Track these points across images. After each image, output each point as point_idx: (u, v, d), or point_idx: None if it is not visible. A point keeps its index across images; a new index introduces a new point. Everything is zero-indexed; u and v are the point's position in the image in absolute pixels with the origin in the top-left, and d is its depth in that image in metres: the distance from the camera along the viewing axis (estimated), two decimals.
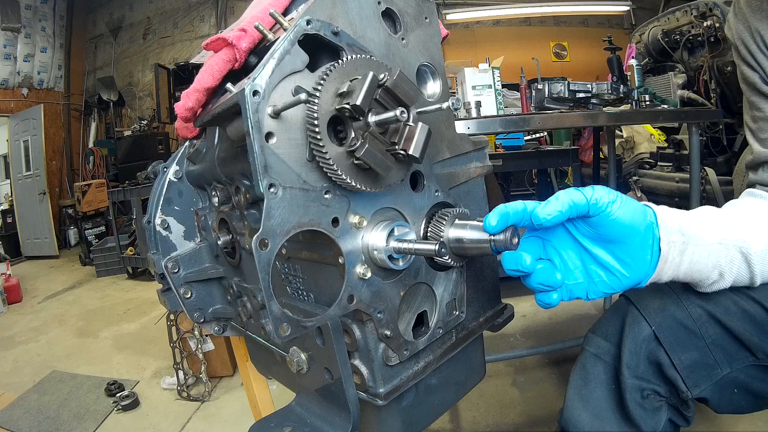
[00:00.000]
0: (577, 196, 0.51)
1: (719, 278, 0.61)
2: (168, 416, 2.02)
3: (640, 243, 0.54)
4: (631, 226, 0.53)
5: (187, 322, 2.10)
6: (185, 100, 0.58)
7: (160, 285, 0.73)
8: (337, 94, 0.46)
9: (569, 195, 0.51)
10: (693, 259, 0.58)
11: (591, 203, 0.51)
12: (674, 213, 0.59)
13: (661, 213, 0.57)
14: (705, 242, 0.59)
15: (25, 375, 2.60)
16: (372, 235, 0.52)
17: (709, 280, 0.61)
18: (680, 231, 0.57)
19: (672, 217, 0.58)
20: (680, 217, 0.59)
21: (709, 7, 3.08)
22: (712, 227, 0.60)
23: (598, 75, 4.03)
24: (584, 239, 0.55)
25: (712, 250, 0.59)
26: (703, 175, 2.83)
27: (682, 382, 0.65)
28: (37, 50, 6.76)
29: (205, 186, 0.72)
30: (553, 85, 1.77)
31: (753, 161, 0.79)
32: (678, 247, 0.57)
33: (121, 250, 4.61)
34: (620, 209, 0.52)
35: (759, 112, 0.77)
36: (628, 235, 0.54)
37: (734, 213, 0.64)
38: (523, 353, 2.03)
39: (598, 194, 0.52)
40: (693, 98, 2.99)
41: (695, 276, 0.60)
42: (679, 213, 0.59)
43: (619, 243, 0.54)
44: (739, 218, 0.62)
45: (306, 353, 0.58)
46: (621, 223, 0.53)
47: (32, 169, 6.46)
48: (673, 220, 0.57)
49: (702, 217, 0.61)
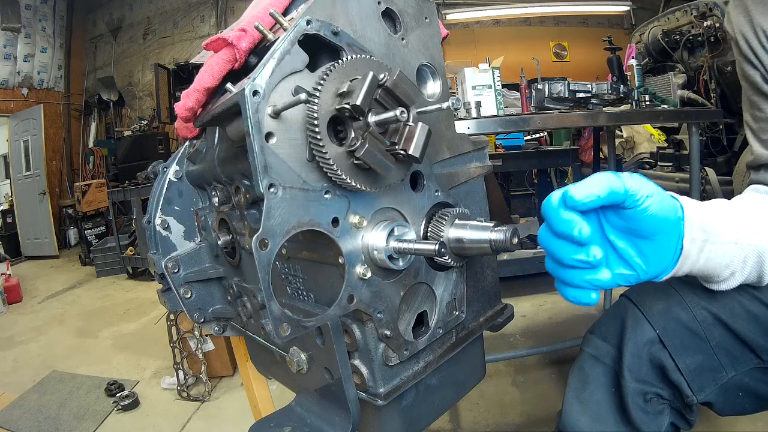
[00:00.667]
0: (615, 183, 0.46)
1: (729, 276, 0.60)
2: (168, 416, 2.02)
3: (666, 240, 0.51)
4: (664, 223, 0.50)
5: (187, 322, 2.10)
6: (185, 100, 0.58)
7: (160, 285, 0.73)
8: (337, 94, 0.46)
9: (608, 180, 0.46)
10: (709, 257, 0.56)
11: (629, 193, 0.47)
12: (698, 208, 0.56)
13: (687, 208, 0.54)
14: (721, 240, 0.57)
15: (25, 375, 2.60)
16: (372, 235, 0.52)
17: (719, 277, 0.60)
18: (702, 228, 0.55)
19: (696, 212, 0.55)
20: (702, 212, 0.56)
21: (709, 7, 3.08)
22: (729, 225, 0.58)
23: (598, 75, 4.03)
24: (609, 228, 0.52)
25: (727, 249, 0.57)
26: (703, 175, 2.83)
27: (687, 387, 0.64)
28: (37, 50, 6.76)
29: (205, 186, 0.72)
30: (553, 85, 1.77)
31: (754, 162, 0.77)
32: (698, 245, 0.55)
33: (121, 250, 4.61)
34: (657, 205, 0.48)
35: (759, 112, 0.76)
36: (658, 232, 0.50)
37: (748, 210, 0.63)
38: (523, 353, 2.03)
39: (636, 184, 0.47)
40: (693, 98, 2.99)
41: (707, 273, 0.59)
42: (701, 208, 0.57)
43: (647, 239, 0.51)
44: (753, 216, 0.61)
45: (306, 353, 0.58)
46: (655, 219, 0.49)
47: (32, 169, 6.46)
48: (697, 216, 0.55)
49: (720, 212, 0.59)
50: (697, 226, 0.55)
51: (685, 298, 0.67)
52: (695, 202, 0.57)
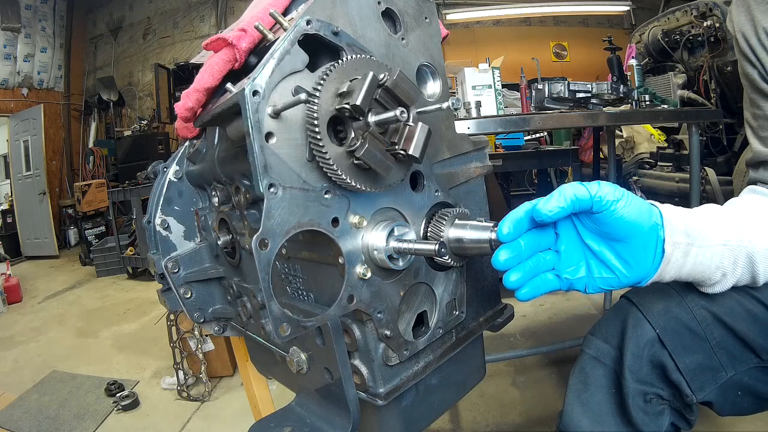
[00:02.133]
0: (581, 191, 0.50)
1: (722, 279, 0.61)
2: (168, 416, 2.02)
3: (643, 243, 0.54)
4: (636, 226, 0.52)
5: (187, 322, 2.10)
6: (185, 100, 0.58)
7: (160, 285, 0.73)
8: (337, 94, 0.46)
9: (573, 190, 0.50)
10: (697, 260, 0.57)
11: (595, 199, 0.50)
12: (680, 213, 0.58)
13: (668, 213, 0.56)
14: (709, 243, 0.58)
15: (25, 375, 2.60)
16: (372, 235, 0.52)
17: (711, 280, 0.61)
18: (686, 232, 0.56)
19: (678, 217, 0.57)
20: (686, 216, 0.58)
21: (709, 7, 3.08)
22: (717, 227, 0.59)
23: (598, 75, 4.03)
24: (587, 234, 0.55)
25: (716, 252, 0.58)
26: (703, 175, 2.83)
27: (687, 386, 0.65)
28: (37, 50, 6.76)
29: (205, 186, 0.72)
30: (553, 85, 1.77)
31: (753, 159, 0.78)
32: (682, 249, 0.56)
33: (121, 250, 4.61)
34: (625, 208, 0.51)
35: (758, 110, 0.76)
36: (631, 234, 0.53)
37: (738, 212, 0.63)
38: (523, 353, 2.03)
39: (603, 191, 0.50)
40: (693, 98, 2.99)
41: (698, 277, 0.60)
42: (685, 213, 0.58)
43: (622, 242, 0.53)
44: (744, 218, 0.62)
45: (306, 353, 0.58)
46: (625, 221, 0.52)
47: (32, 169, 6.46)
48: (679, 221, 0.56)
49: (707, 216, 0.60)
50: (680, 230, 0.56)
51: (685, 298, 0.68)
52: (678, 208, 0.59)
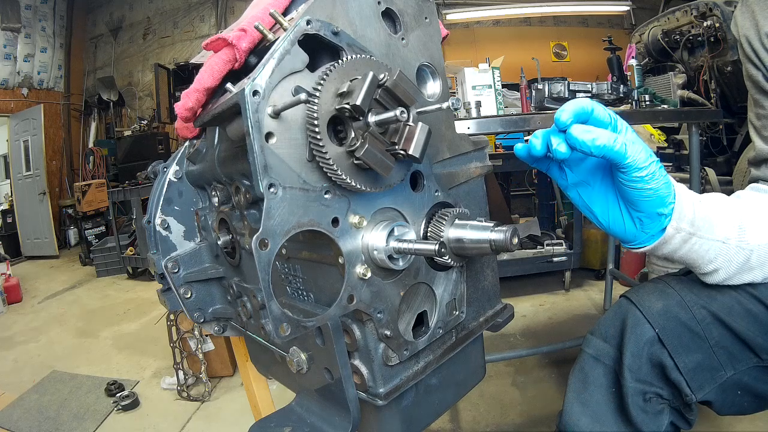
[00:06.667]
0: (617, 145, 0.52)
1: (713, 272, 0.63)
2: (168, 416, 2.02)
3: (648, 217, 0.58)
4: (648, 204, 0.56)
5: (187, 322, 2.10)
6: (185, 100, 0.58)
7: (160, 285, 0.73)
8: (337, 94, 0.46)
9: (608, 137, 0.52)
10: (693, 248, 0.60)
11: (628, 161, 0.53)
12: (692, 201, 0.60)
13: (681, 196, 0.59)
14: (709, 236, 0.60)
15: (25, 375, 2.60)
16: (372, 235, 0.52)
17: (700, 269, 0.64)
18: (692, 221, 0.59)
19: (689, 204, 0.59)
20: (696, 205, 0.60)
21: (709, 7, 3.08)
22: (720, 223, 0.61)
23: (598, 75, 4.03)
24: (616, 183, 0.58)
25: (713, 246, 0.61)
26: (703, 175, 2.83)
27: (686, 386, 0.65)
28: (37, 50, 6.76)
29: (205, 186, 0.72)
30: (553, 85, 1.77)
31: (756, 158, 0.79)
32: (682, 236, 0.59)
33: (121, 250, 4.61)
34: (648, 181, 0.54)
35: (762, 110, 0.78)
36: (642, 208, 0.57)
37: (743, 209, 0.65)
38: (523, 353, 2.03)
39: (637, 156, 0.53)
40: (693, 98, 2.99)
41: (689, 262, 0.63)
42: (696, 201, 0.61)
43: (632, 204, 0.57)
44: (747, 216, 0.63)
45: (306, 353, 0.58)
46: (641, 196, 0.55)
47: (32, 169, 6.46)
48: (689, 208, 0.59)
49: (714, 207, 0.62)
50: (687, 219, 0.59)
51: (684, 298, 0.68)
52: (691, 194, 0.61)
